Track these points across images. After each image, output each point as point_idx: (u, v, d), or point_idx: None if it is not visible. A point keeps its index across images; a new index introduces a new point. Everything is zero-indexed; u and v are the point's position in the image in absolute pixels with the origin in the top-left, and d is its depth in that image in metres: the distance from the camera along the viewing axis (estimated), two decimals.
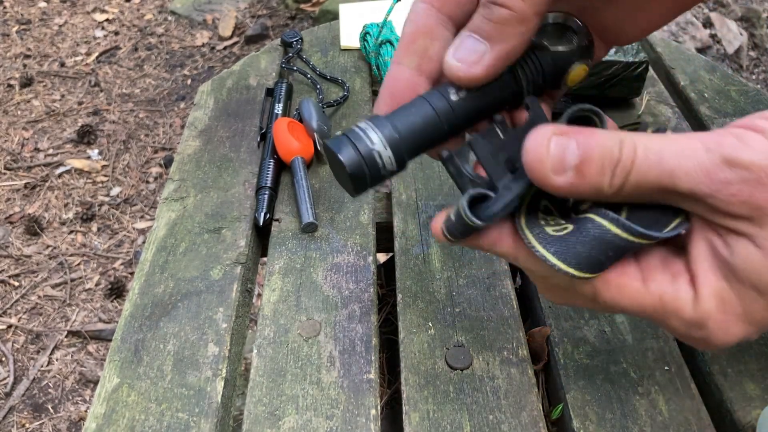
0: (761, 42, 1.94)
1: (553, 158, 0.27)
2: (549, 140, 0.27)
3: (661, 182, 0.26)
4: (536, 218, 0.30)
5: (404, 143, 0.31)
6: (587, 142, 0.27)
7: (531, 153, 0.27)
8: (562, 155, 0.27)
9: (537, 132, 0.27)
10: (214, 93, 0.71)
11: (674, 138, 0.26)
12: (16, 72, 2.16)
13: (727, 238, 0.27)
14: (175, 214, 0.57)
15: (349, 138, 0.30)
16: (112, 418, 0.42)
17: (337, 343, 0.46)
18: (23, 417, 1.23)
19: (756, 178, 0.25)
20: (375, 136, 0.30)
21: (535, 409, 0.42)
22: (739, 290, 0.27)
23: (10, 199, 1.69)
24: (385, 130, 0.30)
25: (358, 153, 0.30)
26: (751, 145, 0.25)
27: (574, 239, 0.28)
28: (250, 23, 2.31)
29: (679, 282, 0.28)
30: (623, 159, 0.26)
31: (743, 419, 0.41)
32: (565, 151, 0.27)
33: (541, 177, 0.27)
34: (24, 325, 1.38)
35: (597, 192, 0.27)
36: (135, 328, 0.48)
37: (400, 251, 0.53)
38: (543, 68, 0.32)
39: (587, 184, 0.27)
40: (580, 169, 0.27)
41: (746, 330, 0.28)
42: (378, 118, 0.31)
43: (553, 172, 0.27)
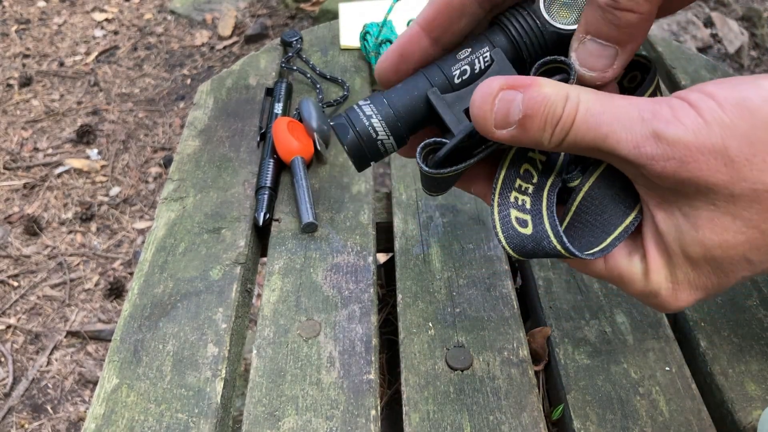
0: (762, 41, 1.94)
1: (497, 114, 0.28)
2: (495, 96, 0.28)
3: (596, 145, 0.27)
4: (512, 186, 0.32)
5: (401, 121, 0.32)
6: (533, 97, 0.27)
7: (476, 106, 0.28)
8: (506, 110, 0.28)
9: (485, 85, 0.28)
10: (213, 93, 0.71)
11: (617, 101, 0.27)
12: (15, 71, 2.16)
13: (662, 213, 0.28)
14: (175, 214, 0.57)
15: (348, 117, 0.31)
16: (112, 419, 0.42)
17: (337, 343, 0.46)
18: (22, 417, 1.23)
19: (681, 156, 0.25)
20: (374, 117, 0.31)
21: (536, 410, 0.42)
22: (676, 263, 0.29)
23: (9, 199, 1.68)
24: (382, 108, 0.31)
25: (357, 133, 0.31)
26: (682, 120, 0.25)
27: (530, 245, 0.31)
28: (249, 23, 2.31)
29: (633, 258, 0.30)
30: (564, 117, 0.27)
31: (744, 420, 0.41)
32: (509, 106, 0.27)
33: (485, 130, 0.28)
34: (23, 325, 1.38)
35: (536, 145, 0.28)
36: (134, 328, 0.48)
37: (400, 251, 0.53)
38: (548, 46, 0.32)
39: (528, 138, 0.28)
40: (522, 123, 0.28)
41: (696, 295, 0.29)
42: (377, 96, 0.32)
43: (495, 127, 0.28)
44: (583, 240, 0.31)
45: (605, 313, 0.47)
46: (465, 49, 0.32)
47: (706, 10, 1.96)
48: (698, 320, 0.46)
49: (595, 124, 0.27)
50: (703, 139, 0.25)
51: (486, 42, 0.32)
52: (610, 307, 0.48)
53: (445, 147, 0.31)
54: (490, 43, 0.32)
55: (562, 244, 0.30)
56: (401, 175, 0.60)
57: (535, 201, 0.32)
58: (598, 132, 0.27)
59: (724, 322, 0.46)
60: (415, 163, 0.61)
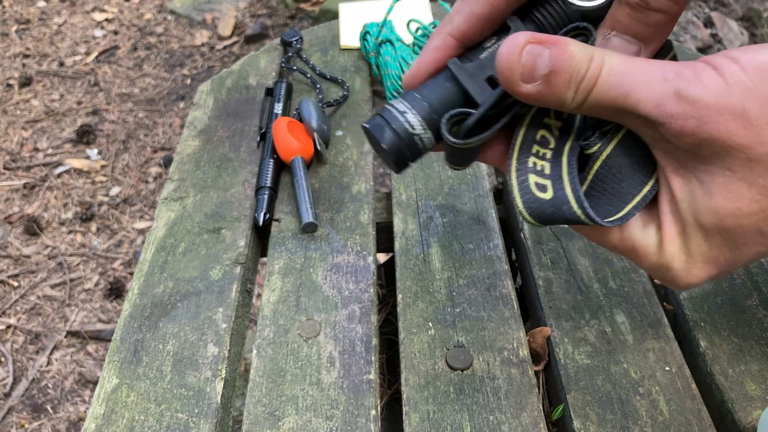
0: (762, 41, 1.94)
1: (525, 66, 0.27)
2: (522, 48, 0.27)
3: (617, 103, 0.27)
4: (529, 151, 0.32)
5: (437, 113, 0.31)
6: (560, 54, 0.27)
7: (503, 59, 0.28)
8: (533, 63, 0.27)
9: (512, 38, 0.28)
10: (213, 93, 0.71)
11: (640, 63, 0.27)
12: (15, 71, 2.16)
13: (678, 179, 0.28)
14: (175, 214, 0.57)
15: (382, 116, 0.31)
16: (112, 419, 0.42)
17: (337, 343, 0.46)
18: (22, 417, 1.23)
19: (701, 115, 0.26)
20: (408, 113, 0.31)
21: (536, 410, 0.42)
22: (690, 233, 0.29)
23: (9, 199, 1.68)
24: (415, 103, 0.31)
25: (393, 131, 0.31)
26: (704, 81, 0.26)
27: (549, 210, 0.30)
28: (249, 23, 2.31)
29: (648, 229, 0.30)
30: (588, 76, 0.27)
31: (744, 420, 0.41)
32: (536, 60, 0.27)
33: (511, 83, 0.28)
34: (23, 325, 1.38)
35: (559, 104, 0.28)
36: (134, 328, 0.48)
37: (400, 251, 0.53)
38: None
39: (552, 95, 0.28)
40: (548, 79, 0.27)
41: (709, 271, 0.29)
42: (412, 96, 0.31)
43: (522, 80, 0.28)
44: (601, 208, 0.31)
45: (605, 313, 0.47)
46: (491, 39, 0.32)
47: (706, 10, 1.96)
48: (698, 320, 0.46)
49: (618, 83, 0.27)
50: (724, 101, 0.25)
51: (510, 28, 0.32)
52: (610, 307, 0.48)
53: (475, 114, 0.30)
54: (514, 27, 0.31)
55: (582, 209, 0.29)
56: (401, 175, 0.60)
57: (554, 166, 0.31)
58: (619, 91, 0.27)
59: (724, 322, 0.46)
60: (415, 163, 0.61)
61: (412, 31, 0.74)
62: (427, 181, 0.59)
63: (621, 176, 0.31)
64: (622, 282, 0.49)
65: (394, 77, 0.67)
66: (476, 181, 0.59)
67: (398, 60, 0.67)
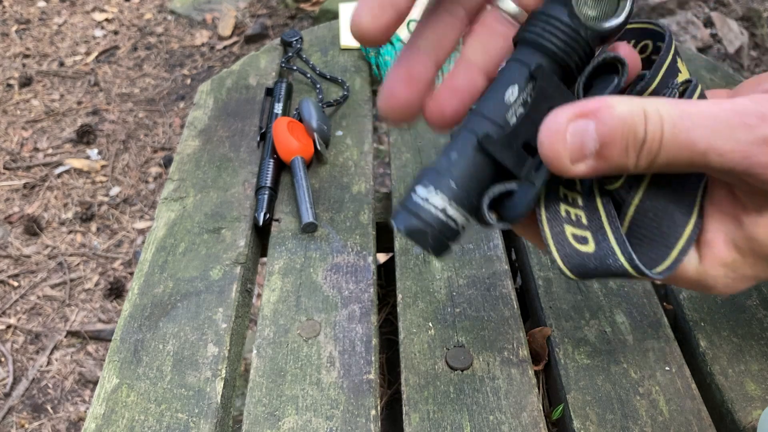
0: (762, 41, 1.94)
1: (572, 147, 0.25)
2: (565, 129, 0.25)
3: (693, 162, 0.25)
4: (557, 206, 0.29)
5: (474, 196, 0.28)
6: (607, 123, 0.24)
7: (546, 146, 0.25)
8: (580, 143, 0.25)
9: (550, 122, 0.25)
10: (213, 93, 0.71)
11: (706, 110, 0.25)
12: (15, 71, 2.16)
13: (753, 215, 0.27)
14: (175, 214, 0.57)
15: (421, 218, 0.27)
16: (112, 419, 0.42)
17: (337, 343, 0.46)
18: (22, 417, 1.23)
19: None
20: (449, 208, 0.27)
21: (536, 410, 0.42)
22: (754, 262, 0.28)
23: (9, 199, 1.68)
24: (452, 193, 0.27)
25: (439, 233, 0.27)
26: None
27: (592, 265, 0.27)
28: (249, 23, 2.31)
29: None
30: (649, 139, 0.25)
31: (744, 420, 0.41)
32: (583, 137, 0.25)
33: (560, 169, 0.25)
34: (23, 325, 1.38)
35: (621, 171, 0.26)
36: (134, 328, 0.48)
37: (400, 251, 0.53)
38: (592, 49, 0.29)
39: (610, 167, 0.25)
40: (601, 153, 0.25)
41: (750, 284, 0.29)
42: (438, 178, 0.27)
43: (571, 162, 0.25)
44: (644, 257, 0.28)
45: (605, 313, 0.47)
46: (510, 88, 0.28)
47: (706, 10, 1.96)
48: (698, 320, 0.46)
49: (688, 140, 0.24)
50: None
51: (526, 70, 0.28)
52: (610, 307, 0.48)
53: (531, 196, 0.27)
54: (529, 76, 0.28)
55: (631, 263, 0.27)
56: (401, 175, 0.60)
57: (590, 214, 0.28)
58: (694, 150, 0.24)
59: (724, 322, 0.46)
60: (415, 163, 0.61)
61: (411, 30, 0.74)
62: None
63: (659, 219, 0.28)
64: (622, 282, 0.49)
65: None
66: None
67: None
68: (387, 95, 0.30)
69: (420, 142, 0.63)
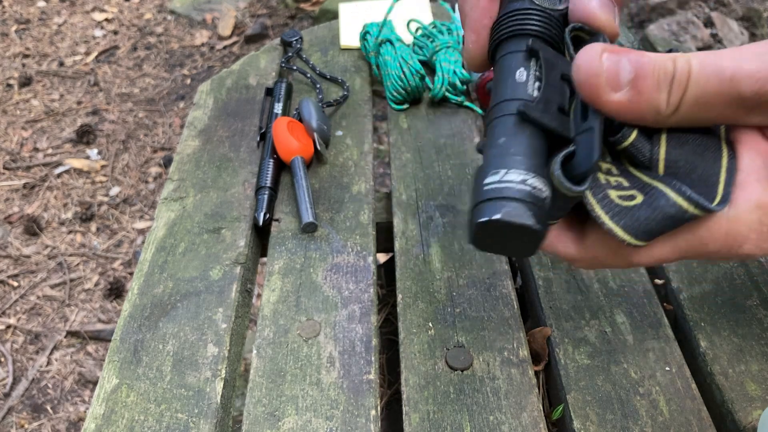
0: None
1: (608, 71, 0.25)
2: (601, 55, 0.26)
3: (722, 90, 0.25)
4: (596, 176, 0.28)
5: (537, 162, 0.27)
6: (639, 59, 0.25)
7: (583, 68, 0.26)
8: (615, 69, 0.25)
9: (587, 49, 0.26)
10: (213, 92, 0.71)
11: (727, 50, 0.25)
12: (15, 71, 2.16)
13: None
14: (175, 214, 0.57)
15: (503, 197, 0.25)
16: (112, 419, 0.42)
17: (337, 343, 0.46)
18: (22, 417, 1.23)
19: None
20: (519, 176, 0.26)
21: (536, 410, 0.42)
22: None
23: (9, 199, 1.68)
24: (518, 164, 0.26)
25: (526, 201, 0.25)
26: None
27: (645, 213, 0.27)
28: (249, 23, 2.31)
29: None
30: (678, 73, 0.25)
31: (744, 420, 0.40)
32: (618, 66, 0.25)
33: (597, 94, 0.26)
34: (23, 325, 1.38)
35: (655, 112, 0.26)
36: (134, 328, 0.48)
37: (400, 251, 0.53)
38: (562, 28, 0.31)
39: (645, 102, 0.26)
40: (635, 84, 0.25)
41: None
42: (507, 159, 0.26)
43: (609, 87, 0.25)
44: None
45: (605, 313, 0.47)
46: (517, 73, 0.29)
47: (706, 10, 1.96)
48: (698, 320, 0.46)
49: (716, 67, 0.25)
50: None
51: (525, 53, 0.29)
52: (610, 307, 0.48)
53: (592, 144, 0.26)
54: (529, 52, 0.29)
55: (684, 195, 0.26)
56: (401, 175, 0.60)
57: (628, 177, 0.28)
58: (722, 76, 0.25)
59: (724, 322, 0.46)
60: (415, 163, 0.61)
61: (412, 31, 0.74)
62: (427, 181, 0.59)
63: (692, 164, 0.28)
64: (622, 282, 0.49)
65: (394, 77, 0.67)
66: None
67: (398, 60, 0.67)
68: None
69: (420, 142, 0.63)
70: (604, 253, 0.30)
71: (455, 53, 0.69)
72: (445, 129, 0.65)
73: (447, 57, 0.68)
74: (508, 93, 0.28)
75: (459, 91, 0.67)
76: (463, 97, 0.67)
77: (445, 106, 0.68)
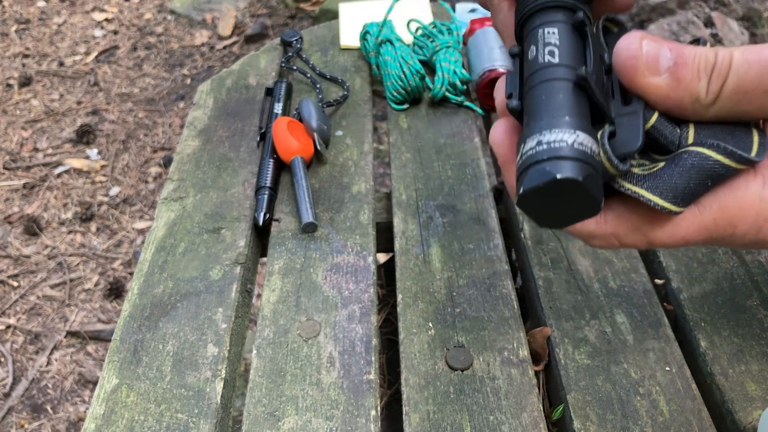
0: (762, 41, 1.94)
1: (648, 55, 0.26)
2: (641, 41, 0.26)
3: (762, 80, 0.25)
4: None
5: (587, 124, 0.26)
6: (679, 48, 0.26)
7: (624, 52, 0.26)
8: (655, 56, 0.26)
9: (628, 35, 0.27)
10: (213, 92, 0.71)
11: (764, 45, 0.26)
12: (15, 71, 2.16)
13: None
14: (175, 214, 0.57)
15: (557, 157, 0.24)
16: (111, 419, 0.42)
17: (337, 343, 0.46)
18: (22, 418, 1.23)
19: None
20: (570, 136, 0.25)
21: (536, 410, 0.42)
22: None
23: (9, 199, 1.68)
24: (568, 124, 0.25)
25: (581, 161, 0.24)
26: None
27: (669, 172, 0.26)
28: (249, 22, 2.31)
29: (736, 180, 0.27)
30: (719, 62, 0.26)
31: (744, 420, 0.40)
32: (658, 53, 0.26)
33: (637, 75, 0.26)
34: (23, 325, 1.38)
35: (694, 100, 0.26)
36: (134, 328, 0.48)
37: (400, 251, 0.53)
38: None
39: (684, 90, 0.26)
40: (674, 72, 0.26)
41: None
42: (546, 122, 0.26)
43: (648, 71, 0.26)
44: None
45: (605, 313, 0.47)
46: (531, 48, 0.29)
47: (706, 10, 1.96)
48: (698, 320, 0.46)
49: (758, 59, 0.25)
50: None
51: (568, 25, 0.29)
52: (610, 307, 0.48)
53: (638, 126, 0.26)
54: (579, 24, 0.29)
55: (717, 148, 0.26)
56: (401, 175, 0.60)
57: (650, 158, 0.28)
58: (763, 64, 0.25)
59: (724, 322, 0.46)
60: (415, 163, 0.61)
61: (412, 31, 0.74)
62: (427, 181, 0.59)
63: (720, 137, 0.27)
64: (622, 282, 0.49)
65: (394, 77, 0.67)
66: (476, 181, 0.58)
67: (398, 60, 0.67)
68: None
69: (420, 142, 0.63)
70: (624, 230, 0.29)
71: (455, 53, 0.69)
72: (445, 129, 0.65)
73: (447, 57, 0.68)
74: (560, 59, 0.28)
75: (459, 91, 0.67)
76: (463, 97, 0.67)
77: (445, 106, 0.68)
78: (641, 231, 0.28)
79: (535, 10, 0.30)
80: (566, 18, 0.29)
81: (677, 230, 0.28)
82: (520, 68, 0.30)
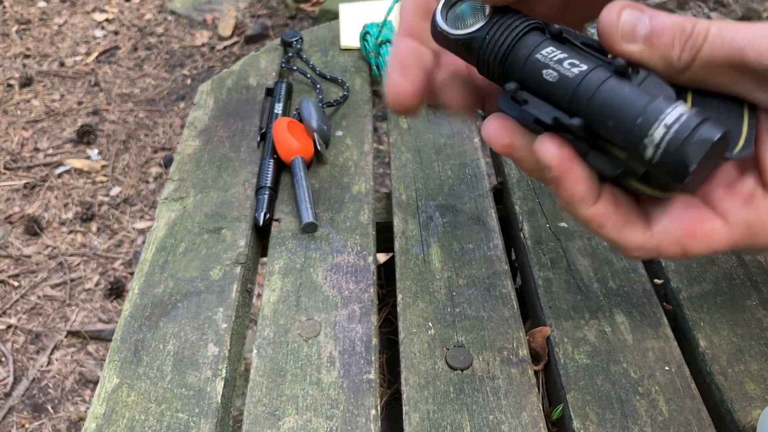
0: None
1: (624, 25, 0.28)
2: (621, 10, 0.28)
3: (732, 59, 0.27)
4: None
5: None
6: (659, 17, 0.28)
7: (603, 20, 0.28)
8: (633, 23, 0.28)
9: (610, 5, 0.28)
10: (213, 93, 0.71)
11: (749, 24, 0.27)
12: (15, 72, 2.16)
13: None
14: (175, 214, 0.57)
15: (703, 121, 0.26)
16: (112, 419, 0.42)
17: (337, 343, 0.46)
18: (23, 417, 1.23)
19: None
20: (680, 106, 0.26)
21: (536, 410, 0.42)
22: None
23: (10, 199, 1.69)
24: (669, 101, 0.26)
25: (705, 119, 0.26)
26: None
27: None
28: (249, 23, 2.31)
29: (756, 200, 0.29)
30: (694, 34, 0.27)
31: (743, 419, 0.41)
32: (636, 20, 0.28)
33: (612, 42, 0.28)
34: (23, 325, 1.38)
35: (666, 65, 0.28)
36: (135, 328, 0.48)
37: (400, 251, 0.53)
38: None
39: (657, 55, 0.28)
40: (650, 39, 0.28)
41: None
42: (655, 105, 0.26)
43: (623, 39, 0.28)
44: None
45: (605, 313, 0.47)
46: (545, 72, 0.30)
47: (705, 11, 1.96)
48: (698, 320, 0.46)
49: (730, 39, 0.26)
50: None
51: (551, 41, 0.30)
52: (609, 307, 0.48)
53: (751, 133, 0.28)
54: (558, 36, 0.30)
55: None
56: (401, 175, 0.60)
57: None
58: (733, 46, 0.26)
59: (724, 322, 0.46)
60: (415, 163, 0.61)
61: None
62: (427, 181, 0.59)
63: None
64: (622, 282, 0.49)
65: None
66: (476, 181, 0.59)
67: None
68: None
69: (420, 142, 0.63)
70: (667, 243, 0.30)
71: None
72: (445, 129, 0.65)
73: None
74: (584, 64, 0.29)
75: None
76: None
77: None
78: (680, 243, 0.30)
79: (512, 45, 0.30)
80: (544, 36, 0.30)
81: (711, 243, 0.30)
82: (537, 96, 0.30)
